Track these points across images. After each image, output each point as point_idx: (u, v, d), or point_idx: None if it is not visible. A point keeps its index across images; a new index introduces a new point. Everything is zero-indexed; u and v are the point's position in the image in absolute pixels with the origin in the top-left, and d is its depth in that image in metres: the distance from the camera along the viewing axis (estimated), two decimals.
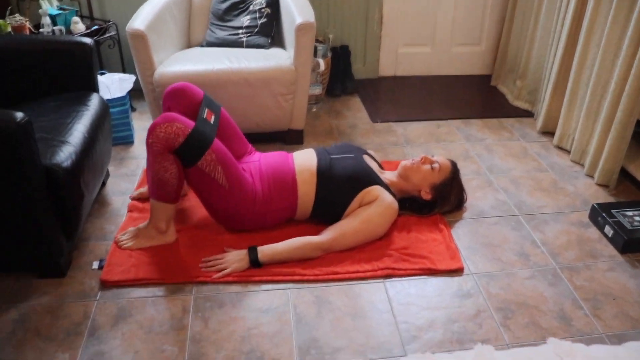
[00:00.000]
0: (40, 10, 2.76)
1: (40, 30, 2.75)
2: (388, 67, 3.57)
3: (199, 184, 1.93)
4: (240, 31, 2.80)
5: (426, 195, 2.14)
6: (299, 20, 2.44)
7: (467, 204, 2.28)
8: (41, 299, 1.80)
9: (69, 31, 2.84)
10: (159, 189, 1.91)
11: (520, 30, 3.12)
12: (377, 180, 2.05)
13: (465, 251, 2.02)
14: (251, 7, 2.84)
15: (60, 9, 2.88)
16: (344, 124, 3.01)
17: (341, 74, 3.39)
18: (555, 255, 2.01)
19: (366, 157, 2.18)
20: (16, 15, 2.66)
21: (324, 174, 2.04)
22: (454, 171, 2.18)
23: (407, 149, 2.74)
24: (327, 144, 2.77)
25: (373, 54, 3.50)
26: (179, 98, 2.11)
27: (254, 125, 2.63)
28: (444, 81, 3.54)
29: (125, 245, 2.00)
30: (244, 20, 2.82)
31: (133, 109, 3.02)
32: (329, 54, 3.28)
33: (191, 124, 1.86)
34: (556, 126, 2.75)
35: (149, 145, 1.83)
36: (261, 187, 2.01)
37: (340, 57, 3.40)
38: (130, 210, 2.21)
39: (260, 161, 2.11)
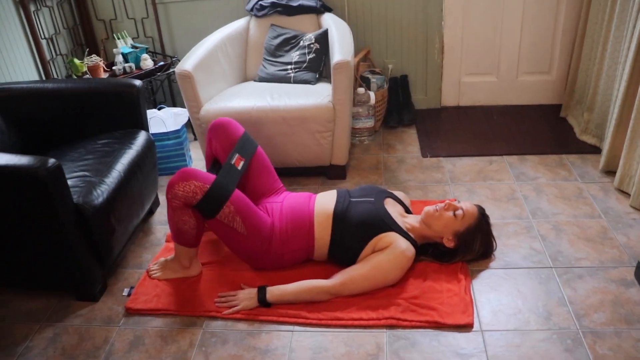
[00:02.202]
0: (114, 50, 3.07)
1: (113, 67, 3.05)
2: (451, 96, 3.48)
3: (219, 231, 2.04)
4: (289, 67, 2.90)
5: (449, 243, 2.08)
6: (335, 58, 2.48)
7: (497, 252, 2.17)
8: (74, 320, 2.01)
9: (138, 67, 3.12)
10: (178, 236, 2.05)
11: (589, 59, 2.89)
12: (392, 227, 2.03)
13: (481, 305, 1.93)
14: (301, 43, 2.93)
15: (133, 47, 3.18)
16: (393, 158, 2.98)
17: (399, 105, 3.36)
18: (580, 316, 1.85)
19: (388, 201, 2.16)
20: (92, 55, 2.98)
21: (339, 218, 2.06)
22: (480, 219, 2.09)
23: (450, 187, 2.66)
24: (371, 180, 2.78)
25: (435, 84, 3.43)
26: (220, 133, 2.25)
27: (295, 161, 2.71)
28: (510, 111, 3.37)
29: (154, 275, 2.17)
30: (294, 55, 2.92)
31: (195, 138, 3.24)
32: (386, 85, 3.27)
33: (210, 179, 1.96)
34: (618, 166, 2.52)
35: (168, 201, 1.97)
36: (279, 228, 2.08)
37: (399, 87, 3.38)
38: (167, 241, 2.39)
39: (283, 202, 2.17)
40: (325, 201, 2.14)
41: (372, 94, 3.04)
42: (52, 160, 1.81)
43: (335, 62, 2.47)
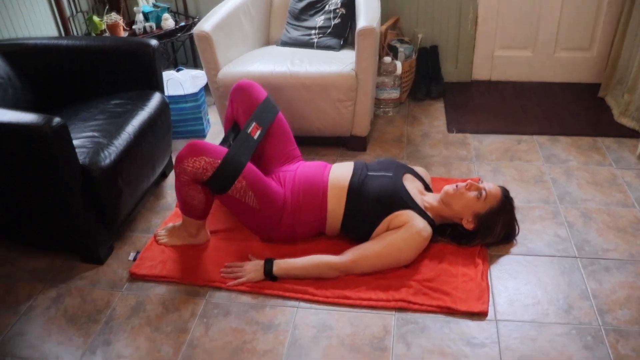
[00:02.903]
0: (135, 8, 2.98)
1: (133, 27, 2.97)
2: (483, 70, 3.30)
3: (230, 206, 1.96)
4: (312, 32, 2.77)
5: (468, 225, 1.96)
6: (360, 24, 2.35)
7: (519, 237, 2.05)
8: (77, 282, 1.98)
9: (159, 27, 3.03)
10: (186, 209, 1.98)
11: (635, 35, 2.68)
12: (409, 204, 1.92)
13: (498, 292, 1.83)
14: (327, 7, 2.79)
15: (155, 6, 3.08)
16: (417, 132, 2.85)
17: (428, 77, 3.21)
18: (604, 312, 1.73)
19: (406, 177, 2.05)
20: (112, 13, 2.90)
21: (355, 192, 1.96)
22: (504, 201, 1.96)
23: (474, 165, 2.53)
24: (392, 153, 2.66)
25: (466, 56, 3.25)
26: (242, 96, 2.17)
27: (314, 129, 2.61)
28: (545, 89, 3.18)
29: (161, 241, 2.12)
30: (318, 20, 2.78)
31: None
32: (415, 55, 3.12)
33: (221, 154, 1.86)
34: None
35: (176, 175, 1.89)
36: (291, 199, 1.99)
37: (428, 58, 3.22)
38: (177, 206, 2.33)
39: (296, 171, 2.08)
40: (340, 173, 2.04)
41: (398, 64, 2.89)
42: (57, 119, 1.74)
43: (360, 28, 2.33)
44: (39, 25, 2.77)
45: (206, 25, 2.47)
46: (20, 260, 2.11)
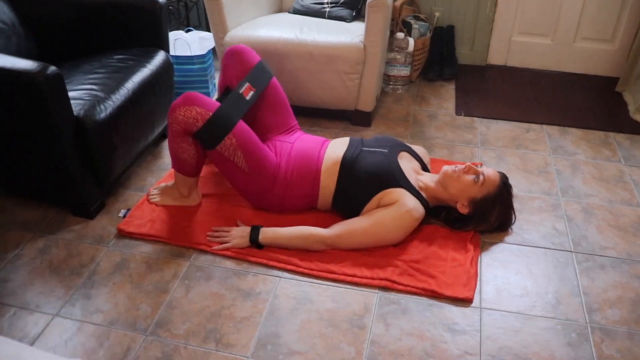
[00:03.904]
0: None
1: None
2: (498, 55, 3.21)
3: (219, 164, 1.93)
4: (325, 1, 2.70)
5: (463, 209, 1.91)
6: None
7: (515, 227, 2.00)
8: (65, 235, 1.98)
9: None
10: (177, 163, 1.96)
11: None
12: (401, 183, 1.88)
13: (486, 280, 1.79)
14: None
15: None
16: (424, 112, 2.79)
17: (441, 57, 3.13)
18: (593, 310, 1.68)
19: (402, 155, 2.00)
20: None
21: (347, 166, 1.92)
22: (502, 187, 1.91)
23: (479, 150, 2.46)
24: (396, 132, 2.60)
25: (482, 39, 3.16)
26: (235, 60, 2.11)
27: (318, 101, 2.56)
28: (561, 79, 3.08)
29: (152, 200, 2.10)
30: None
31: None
32: (429, 34, 3.03)
33: (213, 107, 1.84)
34: None
35: (169, 125, 1.86)
36: (284, 170, 1.95)
37: (444, 38, 3.13)
38: None
39: (294, 144, 2.04)
40: (336, 147, 2.00)
41: (411, 40, 2.81)
42: (52, 68, 1.72)
43: (371, 0, 2.26)
44: None
45: None
46: (14, 209, 2.10)
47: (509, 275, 1.81)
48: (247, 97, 1.97)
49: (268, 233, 1.88)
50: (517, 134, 2.59)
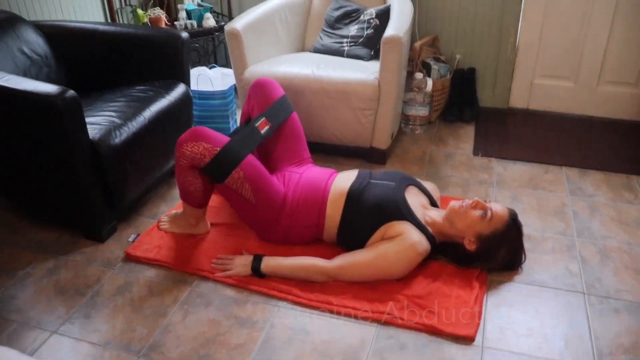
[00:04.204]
0: (179, 6, 3.08)
1: (175, 22, 3.06)
2: (520, 98, 3.19)
3: (226, 195, 1.95)
4: (345, 40, 2.77)
5: (470, 245, 1.87)
6: (386, 33, 2.32)
7: (525, 266, 1.93)
8: (75, 257, 2.02)
9: (200, 26, 3.11)
10: (185, 195, 1.99)
11: None
12: (406, 216, 1.85)
13: (491, 319, 1.72)
14: (361, 17, 2.79)
15: (199, 5, 3.17)
16: (441, 152, 2.77)
17: (462, 99, 3.13)
18: (603, 355, 1.59)
19: (410, 190, 1.99)
20: (156, 8, 3.00)
21: (353, 198, 1.92)
22: (510, 225, 1.86)
23: (493, 190, 2.42)
24: (412, 170, 2.59)
25: (504, 82, 3.15)
26: (258, 92, 2.18)
27: (333, 137, 2.59)
28: (586, 122, 3.03)
29: (162, 227, 2.13)
30: (352, 29, 2.78)
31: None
32: (449, 75, 3.05)
33: (221, 142, 1.87)
34: None
35: (176, 159, 1.91)
36: (291, 200, 1.96)
37: (464, 80, 3.14)
38: None
39: (302, 173, 2.06)
40: (344, 179, 2.00)
41: (429, 81, 2.84)
42: (70, 92, 1.80)
43: (385, 37, 2.30)
44: (87, 13, 2.90)
45: (238, 23, 2.51)
46: (30, 230, 2.18)
47: (515, 314, 1.74)
48: (262, 132, 2.02)
49: (270, 262, 1.87)
50: (535, 175, 2.53)
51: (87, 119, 1.99)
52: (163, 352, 1.61)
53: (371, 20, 2.74)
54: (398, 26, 2.38)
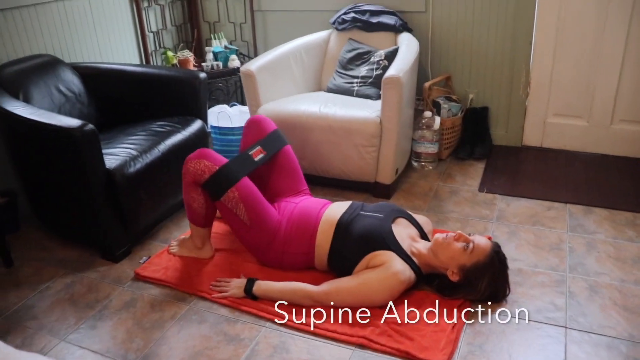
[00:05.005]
0: (206, 48, 3.34)
1: (202, 64, 3.32)
2: (533, 136, 3.23)
3: (224, 215, 2.12)
4: (355, 80, 2.92)
5: (453, 276, 1.93)
6: (387, 73, 2.46)
7: (509, 299, 1.97)
8: (91, 274, 2.22)
9: (225, 67, 3.35)
10: (190, 212, 2.18)
11: None
12: (390, 246, 1.95)
13: (467, 348, 1.77)
14: (372, 59, 2.95)
15: (226, 47, 3.43)
16: (447, 188, 2.85)
17: (474, 137, 3.20)
18: None
19: (398, 221, 2.08)
20: (185, 50, 3.28)
21: (342, 228, 2.03)
22: (492, 257, 1.91)
23: (492, 225, 2.47)
24: (414, 204, 2.68)
25: (517, 121, 3.21)
26: (252, 128, 2.36)
27: (339, 172, 2.72)
28: (600, 161, 3.03)
29: (171, 250, 2.31)
30: (362, 70, 2.94)
31: None
32: (460, 114, 3.15)
33: (220, 162, 2.06)
34: None
35: (182, 175, 2.11)
36: (285, 228, 2.10)
37: (477, 119, 3.22)
38: None
39: (298, 203, 2.19)
40: (335, 210, 2.12)
41: (437, 119, 2.94)
42: (89, 125, 2.04)
43: (386, 77, 2.44)
44: (124, 55, 3.20)
45: (253, 65, 2.72)
46: (56, 248, 2.41)
47: (492, 344, 1.78)
48: (256, 159, 2.18)
49: (262, 286, 2.00)
50: (537, 212, 2.56)
51: (107, 150, 2.22)
52: None
53: (380, 62, 2.89)
54: (399, 67, 2.52)
